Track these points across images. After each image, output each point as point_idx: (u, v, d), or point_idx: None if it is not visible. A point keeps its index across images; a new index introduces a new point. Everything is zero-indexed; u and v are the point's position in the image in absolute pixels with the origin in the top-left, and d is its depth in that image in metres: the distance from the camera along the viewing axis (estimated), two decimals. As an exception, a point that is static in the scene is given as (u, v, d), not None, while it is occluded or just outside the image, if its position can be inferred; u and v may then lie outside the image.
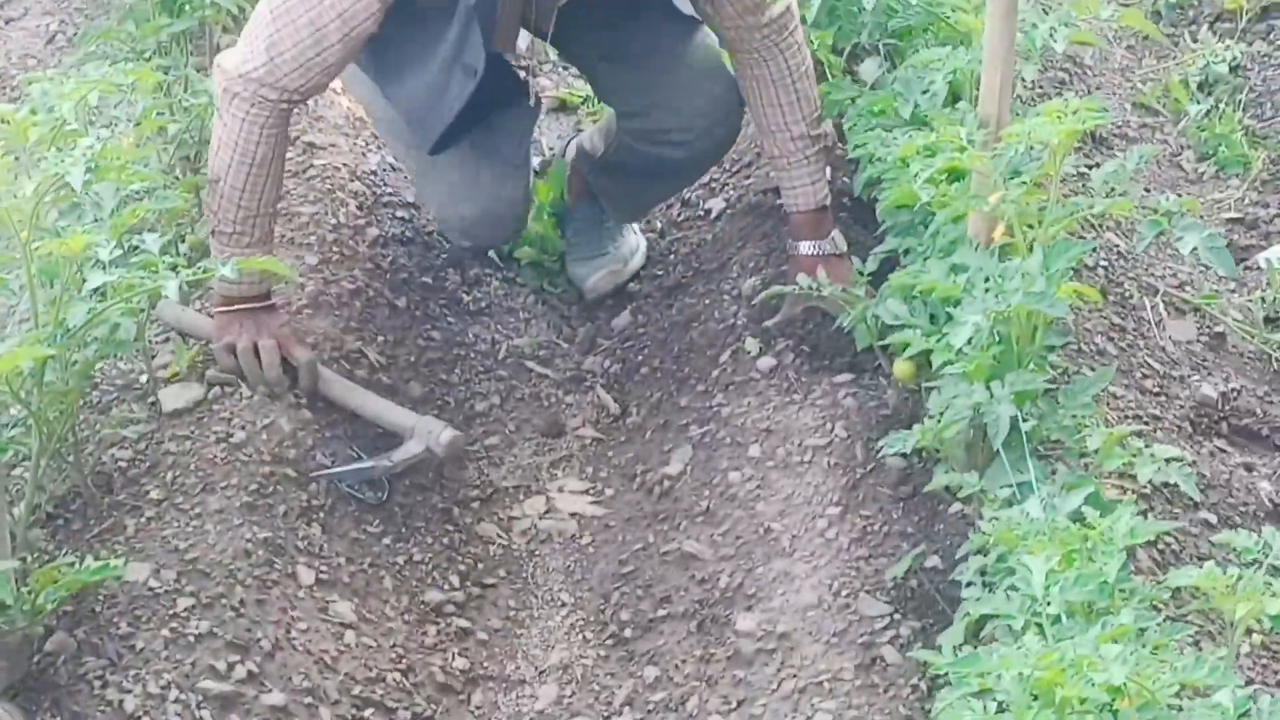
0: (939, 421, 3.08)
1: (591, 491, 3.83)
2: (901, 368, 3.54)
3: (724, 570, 3.44)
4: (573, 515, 3.78)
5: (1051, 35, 3.51)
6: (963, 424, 3.04)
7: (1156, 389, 3.77)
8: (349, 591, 3.43)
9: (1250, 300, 4.20)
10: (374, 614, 3.42)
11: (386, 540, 3.61)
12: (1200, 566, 2.51)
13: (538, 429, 4.00)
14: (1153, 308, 4.03)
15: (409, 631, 3.44)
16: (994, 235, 3.03)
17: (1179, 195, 4.52)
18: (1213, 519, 3.44)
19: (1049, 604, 2.35)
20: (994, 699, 2.22)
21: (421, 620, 3.48)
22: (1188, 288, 4.16)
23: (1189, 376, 3.87)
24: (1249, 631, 2.81)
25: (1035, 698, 2.16)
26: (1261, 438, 3.77)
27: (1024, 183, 3.01)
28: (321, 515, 3.54)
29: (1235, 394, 3.82)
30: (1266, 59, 5.14)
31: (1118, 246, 4.21)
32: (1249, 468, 3.65)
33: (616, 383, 4.12)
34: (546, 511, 3.79)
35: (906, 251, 3.49)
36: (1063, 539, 2.55)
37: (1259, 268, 4.36)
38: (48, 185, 3.07)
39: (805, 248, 3.93)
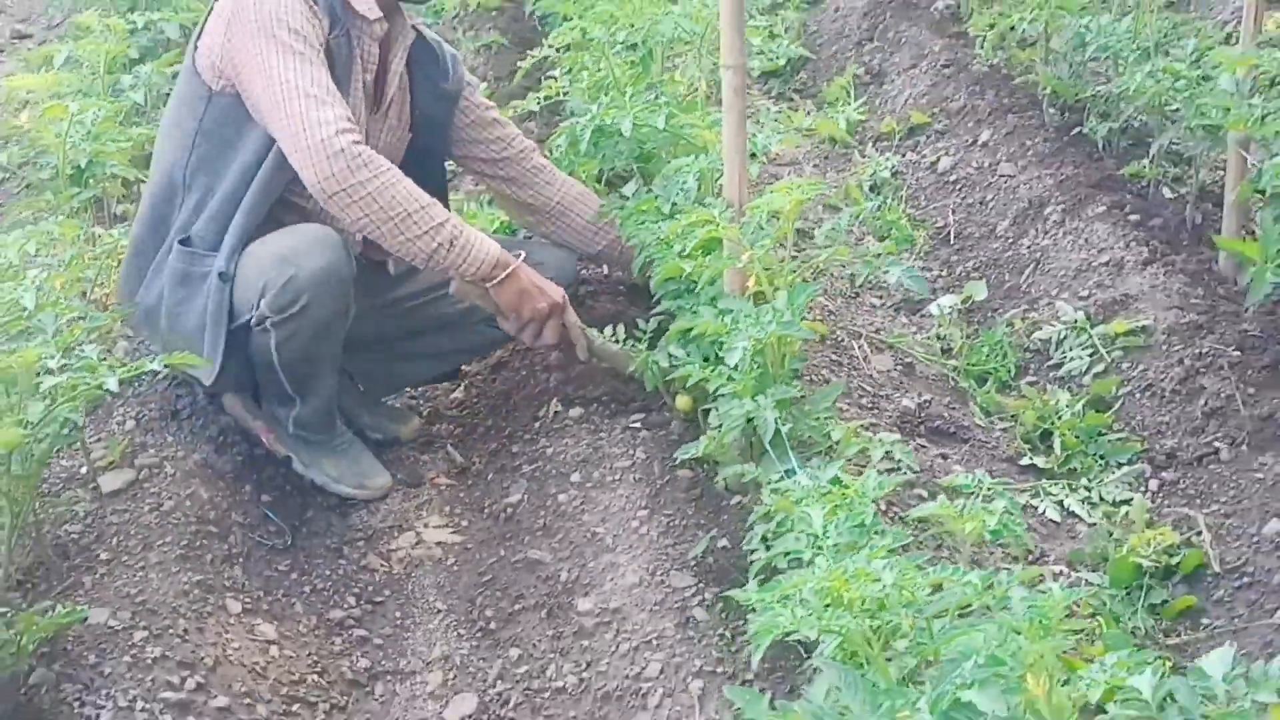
0: (720, 431, 3.15)
1: (451, 525, 3.81)
2: (682, 401, 3.62)
3: (563, 569, 3.45)
4: (438, 544, 3.75)
5: (768, 142, 3.64)
6: (738, 430, 3.11)
7: (870, 404, 3.88)
8: (269, 616, 3.37)
9: (927, 338, 4.35)
10: (290, 632, 3.36)
11: (294, 575, 3.56)
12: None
13: (402, 482, 3.97)
14: (859, 346, 4.15)
15: (320, 643, 3.39)
16: (748, 285, 3.12)
17: (853, 272, 4.69)
18: (924, 494, 3.54)
19: (829, 539, 2.40)
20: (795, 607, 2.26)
21: (329, 633, 3.43)
22: (881, 331, 4.30)
23: (893, 394, 3.99)
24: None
25: (827, 605, 2.20)
26: (950, 434, 3.89)
27: (765, 243, 3.10)
28: (241, 560, 3.48)
29: (928, 404, 3.95)
30: (916, 164, 5.34)
31: (827, 306, 4.33)
32: (944, 456, 3.77)
33: (461, 441, 4.11)
34: (417, 543, 3.76)
35: (678, 311, 3.55)
36: (828, 497, 2.62)
37: (930, 314, 4.52)
38: (3, 311, 3.01)
39: None
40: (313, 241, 3.45)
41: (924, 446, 3.80)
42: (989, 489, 2.48)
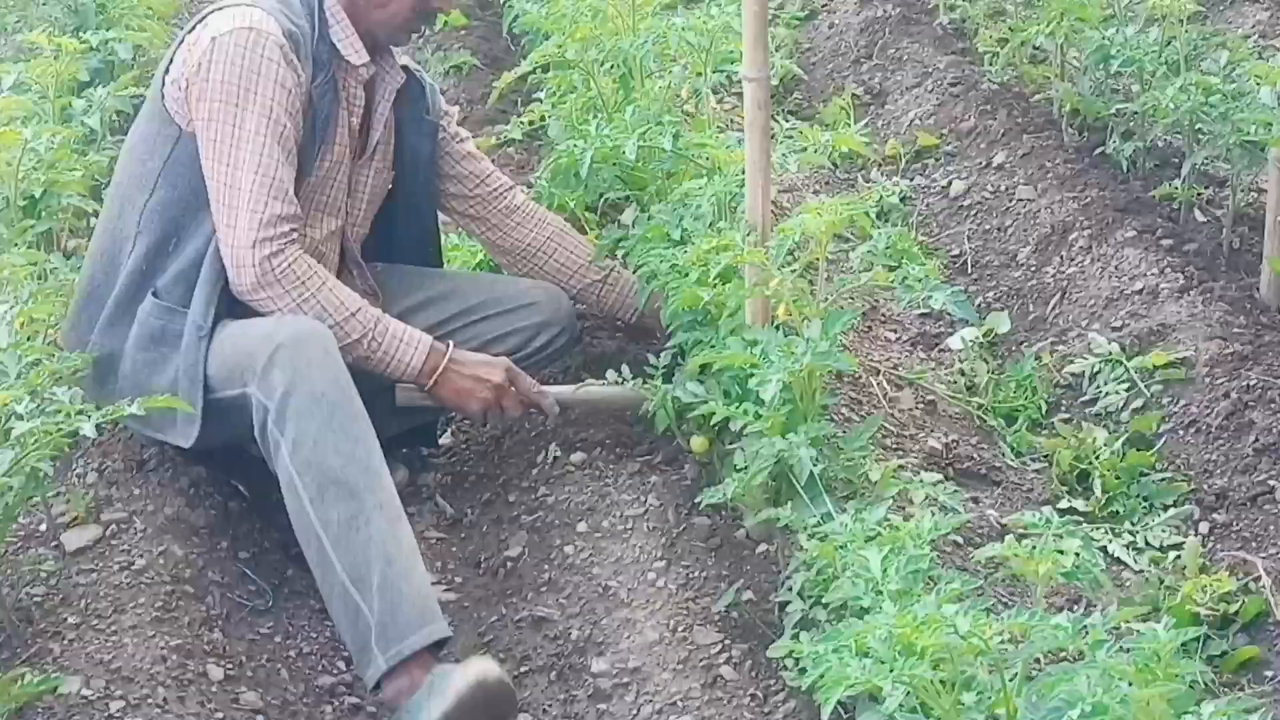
0: (747, 474, 3.14)
1: (444, 582, 3.78)
2: (697, 442, 3.63)
3: (573, 626, 3.43)
4: (432, 603, 3.72)
5: (784, 161, 3.65)
6: (766, 472, 3.10)
7: (894, 445, 3.89)
8: (253, 683, 3.32)
9: (949, 374, 4.36)
10: (277, 700, 3.33)
11: (278, 638, 3.52)
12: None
13: (389, 536, 3.93)
14: (877, 383, 4.16)
15: (309, 711, 3.35)
16: (778, 313, 3.12)
17: (874, 303, 4.71)
18: (959, 539, 3.54)
19: (890, 583, 2.40)
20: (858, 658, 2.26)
21: (318, 701, 3.39)
22: (899, 367, 4.31)
23: (916, 434, 4.00)
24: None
25: (898, 654, 2.20)
26: (980, 476, 3.90)
27: (795, 269, 3.11)
28: (221, 622, 3.44)
29: (955, 445, 3.96)
30: (926, 189, 5.38)
31: (841, 340, 4.33)
32: (976, 500, 3.78)
33: (450, 491, 4.09)
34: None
35: (693, 345, 3.55)
36: (878, 541, 2.62)
37: (950, 349, 4.54)
38: (-33, 350, 2.98)
39: None
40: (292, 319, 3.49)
41: (954, 490, 3.81)
42: (1059, 527, 2.49)
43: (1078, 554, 2.42)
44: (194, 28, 3.56)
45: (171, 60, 3.59)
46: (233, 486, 3.82)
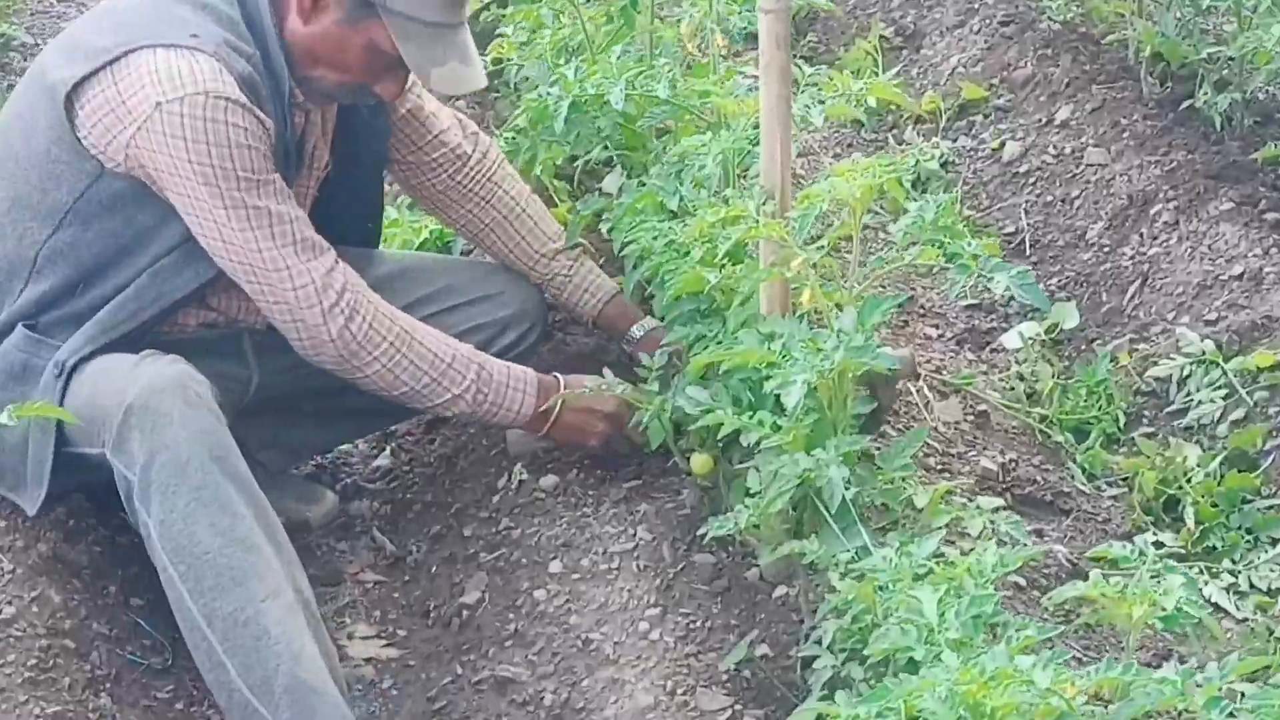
0: (762, 500, 3.14)
1: (384, 635, 3.79)
2: (699, 462, 3.62)
3: (547, 689, 3.42)
4: (367, 660, 3.73)
5: (806, 111, 3.65)
6: (789, 495, 3.09)
7: (940, 465, 3.90)
8: (150, 761, 3.32)
9: (1004, 379, 4.37)
10: (179, 781, 3.32)
11: (179, 705, 3.53)
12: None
13: (315, 579, 3.91)
14: (917, 390, 4.17)
15: (218, 797, 3.35)
16: (802, 300, 3.12)
17: (911, 291, 4.72)
18: (1022, 582, 3.54)
19: (947, 630, 2.40)
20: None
21: (229, 783, 3.38)
22: (943, 371, 4.32)
23: (966, 452, 4.00)
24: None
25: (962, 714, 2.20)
26: (1045, 504, 3.90)
27: (822, 247, 3.11)
28: (109, 685, 3.45)
29: (1013, 465, 3.96)
30: (972, 152, 5.39)
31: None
32: (1040, 533, 3.78)
33: (391, 524, 4.09)
34: (340, 660, 3.69)
35: (697, 340, 3.55)
36: (933, 578, 2.62)
37: (1005, 349, 4.55)
38: None
39: (638, 330, 4.01)
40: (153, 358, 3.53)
41: (1015, 520, 3.81)
42: (1155, 563, 2.49)
43: (1179, 595, 2.42)
44: (116, 58, 3.51)
45: (82, 81, 3.54)
46: (120, 518, 3.80)
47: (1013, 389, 4.33)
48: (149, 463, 3.35)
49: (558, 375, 3.82)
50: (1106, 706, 2.29)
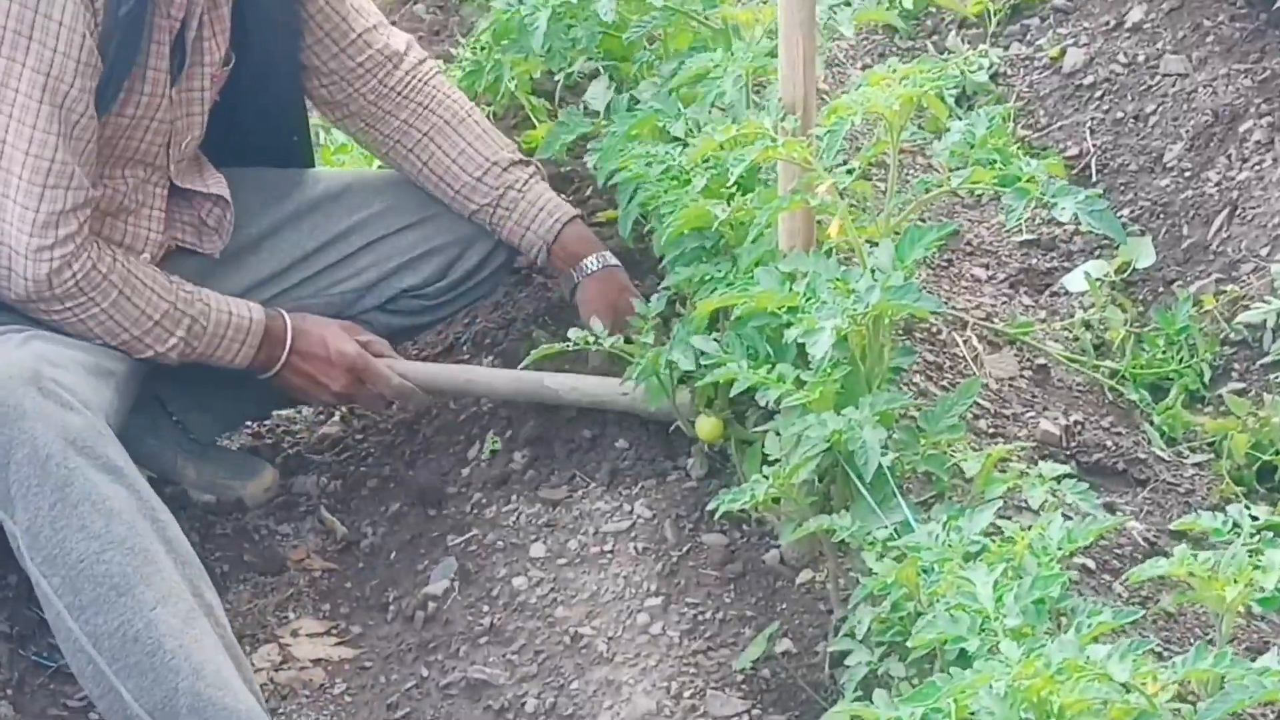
0: (785, 468, 3.14)
1: (335, 631, 3.80)
2: (707, 425, 3.62)
3: (528, 693, 3.44)
4: (316, 662, 3.73)
5: (833, 14, 3.64)
6: (815, 462, 3.09)
7: (991, 428, 3.91)
8: (60, 779, 3.34)
9: (1066, 326, 4.38)
10: (95, 804, 3.33)
11: (94, 715, 3.51)
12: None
13: (252, 567, 3.94)
14: (964, 340, 4.17)
15: (140, 821, 3.35)
16: (829, 233, 3.11)
17: (959, 223, 4.72)
18: (1090, 564, 3.56)
19: (1006, 616, 2.40)
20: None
21: (153, 804, 3.40)
22: (995, 317, 4.32)
23: (1022, 413, 4.01)
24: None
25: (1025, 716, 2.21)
26: (1117, 472, 3.92)
27: (852, 170, 3.11)
28: (9, 691, 3.46)
29: (1078, 427, 3.97)
30: (1028, 62, 5.38)
31: (908, 279, 4.36)
32: (1110, 507, 3.79)
33: (341, 502, 4.11)
34: (283, 662, 3.73)
35: (702, 283, 3.54)
36: (988, 557, 2.62)
37: (1066, 292, 4.55)
38: None
39: (593, 263, 4.01)
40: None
41: (1085, 489, 3.82)
42: (1252, 535, 2.50)
43: (1283, 573, 2.43)
44: None
45: None
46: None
47: (1077, 339, 4.34)
48: (4, 463, 3.34)
49: (289, 321, 3.91)
50: (1195, 706, 2.30)
